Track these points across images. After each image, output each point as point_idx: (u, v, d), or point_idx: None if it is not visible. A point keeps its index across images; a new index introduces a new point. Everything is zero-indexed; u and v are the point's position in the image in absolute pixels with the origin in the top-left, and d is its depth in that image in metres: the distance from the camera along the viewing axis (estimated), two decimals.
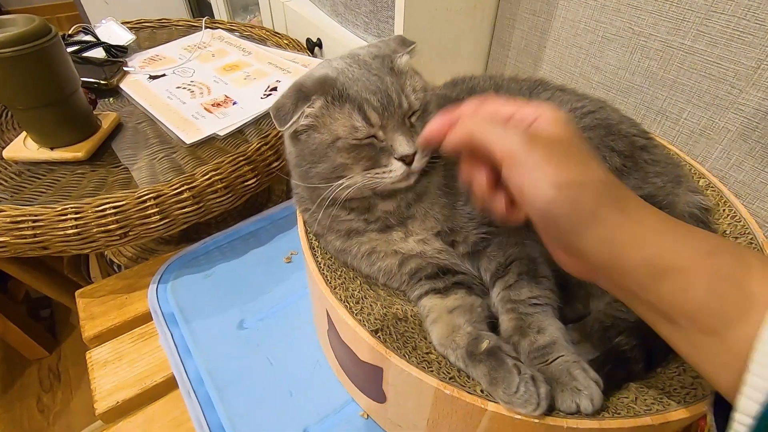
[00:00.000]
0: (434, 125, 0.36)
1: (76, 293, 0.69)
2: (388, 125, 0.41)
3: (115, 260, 0.97)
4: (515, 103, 0.34)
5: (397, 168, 0.41)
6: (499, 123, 0.32)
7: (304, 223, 0.52)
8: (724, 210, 0.54)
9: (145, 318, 0.65)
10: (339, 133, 0.41)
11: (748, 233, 0.51)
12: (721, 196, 0.55)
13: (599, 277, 0.31)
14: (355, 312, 0.43)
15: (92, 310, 0.66)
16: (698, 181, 0.57)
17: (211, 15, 1.78)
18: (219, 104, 0.86)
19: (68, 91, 0.68)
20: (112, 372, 0.59)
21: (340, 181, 0.42)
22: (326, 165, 0.42)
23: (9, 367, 1.34)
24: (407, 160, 0.41)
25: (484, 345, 0.39)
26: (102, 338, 0.63)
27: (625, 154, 0.49)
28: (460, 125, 0.34)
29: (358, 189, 0.42)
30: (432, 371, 0.39)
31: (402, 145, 0.41)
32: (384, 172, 0.41)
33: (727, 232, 0.52)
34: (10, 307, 1.28)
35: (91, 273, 1.10)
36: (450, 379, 0.38)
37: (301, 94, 0.41)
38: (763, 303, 0.25)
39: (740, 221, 0.52)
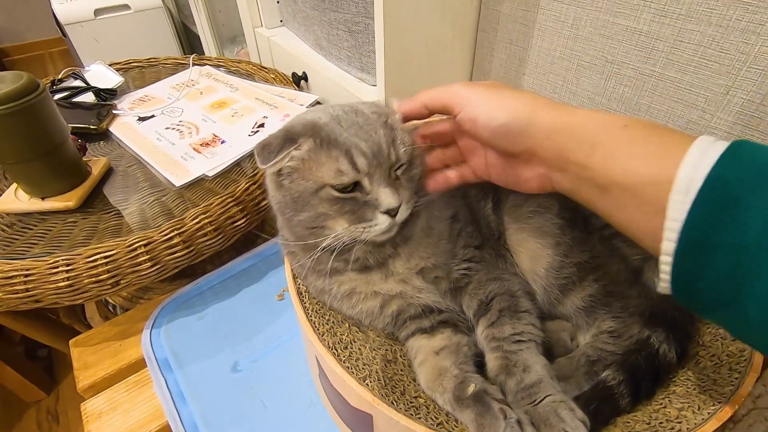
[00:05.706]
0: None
1: (70, 342, 0.69)
2: (374, 175, 0.41)
3: (111, 300, 0.97)
4: None
5: (382, 221, 0.41)
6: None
7: (292, 268, 0.52)
8: None
9: (140, 365, 0.65)
10: (324, 179, 0.41)
11: None
12: None
13: (553, 171, 0.37)
14: (343, 359, 0.43)
15: (86, 360, 0.66)
16: None
17: (201, 48, 1.81)
18: (207, 144, 0.87)
19: (57, 142, 0.70)
20: (106, 424, 0.58)
21: (324, 234, 0.42)
22: (309, 214, 0.42)
23: (6, 410, 1.33)
24: (392, 213, 0.41)
25: (471, 389, 0.39)
26: (96, 388, 0.63)
27: None
28: (416, 97, 0.44)
29: (342, 242, 0.42)
30: (420, 417, 0.39)
31: (388, 197, 0.40)
32: (369, 226, 0.41)
33: None
34: (7, 350, 1.27)
35: (87, 314, 1.10)
36: (438, 425, 0.39)
37: (289, 134, 0.41)
38: (675, 158, 0.29)
39: None
